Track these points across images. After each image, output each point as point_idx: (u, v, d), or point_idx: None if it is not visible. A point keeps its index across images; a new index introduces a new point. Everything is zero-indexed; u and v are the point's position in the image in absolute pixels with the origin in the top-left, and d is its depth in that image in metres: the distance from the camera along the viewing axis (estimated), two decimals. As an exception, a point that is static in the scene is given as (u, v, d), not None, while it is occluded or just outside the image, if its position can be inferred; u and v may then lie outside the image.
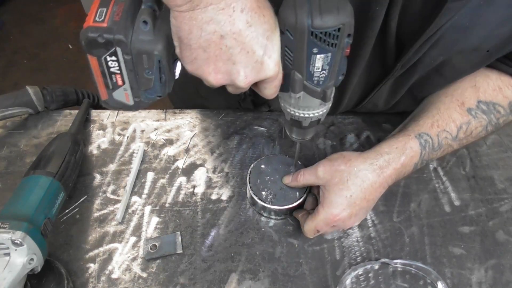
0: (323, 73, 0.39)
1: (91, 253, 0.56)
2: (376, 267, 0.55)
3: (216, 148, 0.68)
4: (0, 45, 2.40)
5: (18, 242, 0.43)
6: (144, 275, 0.54)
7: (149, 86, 0.40)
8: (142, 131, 0.70)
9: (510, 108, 0.55)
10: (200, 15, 0.34)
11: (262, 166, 0.61)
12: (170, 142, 0.69)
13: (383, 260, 0.55)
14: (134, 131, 0.70)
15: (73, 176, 0.58)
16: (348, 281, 0.54)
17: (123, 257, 0.55)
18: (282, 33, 0.37)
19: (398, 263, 0.55)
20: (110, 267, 0.54)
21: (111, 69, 0.39)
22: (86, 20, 0.37)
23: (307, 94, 0.42)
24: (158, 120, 0.72)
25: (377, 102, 0.65)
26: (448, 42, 0.49)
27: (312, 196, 0.59)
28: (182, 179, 0.64)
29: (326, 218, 0.52)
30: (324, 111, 0.45)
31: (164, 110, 0.73)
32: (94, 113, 0.73)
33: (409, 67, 0.54)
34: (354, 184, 0.51)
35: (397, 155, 0.53)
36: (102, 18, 0.36)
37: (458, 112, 0.55)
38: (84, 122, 0.69)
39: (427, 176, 0.65)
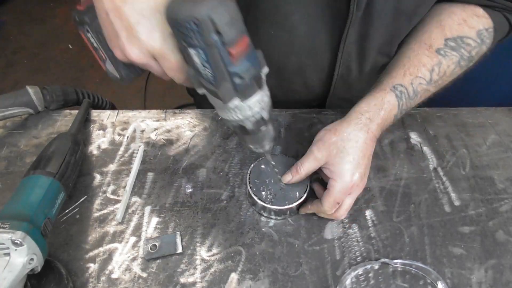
0: (207, 71, 0.37)
1: (91, 253, 0.56)
2: (376, 267, 0.55)
3: (216, 148, 0.68)
4: (0, 45, 2.40)
5: (18, 242, 0.42)
6: (144, 275, 0.54)
7: (118, 63, 0.46)
8: (142, 131, 0.70)
9: (479, 37, 0.55)
10: None
11: (262, 166, 0.61)
12: (170, 142, 0.69)
13: (383, 260, 0.55)
14: (134, 131, 0.70)
15: (73, 176, 0.58)
16: (348, 281, 0.54)
17: (123, 257, 0.55)
18: None
19: (398, 263, 0.55)
20: (110, 267, 0.54)
21: (94, 44, 0.46)
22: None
23: (211, 96, 0.41)
24: (158, 120, 0.72)
25: (349, 64, 0.65)
26: None
27: (316, 183, 0.60)
28: (182, 179, 0.64)
29: (342, 188, 0.53)
30: (243, 117, 0.42)
31: (164, 110, 0.73)
32: (94, 113, 0.73)
33: (365, 7, 0.53)
34: (351, 147, 0.53)
35: (377, 111, 0.55)
36: (83, 4, 0.44)
37: (427, 55, 0.56)
38: (84, 122, 0.69)
39: (427, 176, 0.65)
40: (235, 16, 0.34)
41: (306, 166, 0.56)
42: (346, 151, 0.53)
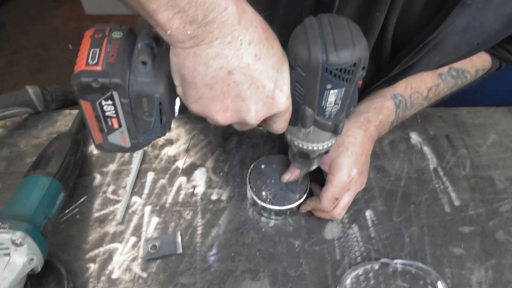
0: (335, 107, 0.38)
1: (91, 253, 0.56)
2: (376, 267, 0.55)
3: (216, 148, 0.68)
4: (0, 45, 2.40)
5: (18, 242, 0.43)
6: (144, 275, 0.54)
7: (148, 128, 0.38)
8: (142, 131, 0.70)
9: (476, 74, 0.63)
10: (205, 50, 0.32)
11: (262, 166, 0.61)
12: (170, 142, 0.69)
13: (383, 260, 0.55)
14: (134, 131, 0.70)
15: (73, 176, 0.58)
16: (348, 281, 0.54)
17: (123, 257, 0.55)
18: (292, 67, 0.35)
19: (398, 263, 0.55)
20: (110, 267, 0.54)
21: (107, 113, 0.36)
22: (77, 62, 0.34)
23: (317, 128, 0.40)
24: (158, 120, 0.72)
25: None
26: (447, 44, 0.51)
27: (315, 184, 0.61)
28: (182, 179, 0.64)
29: (340, 182, 0.54)
30: (333, 142, 0.44)
31: (164, 110, 0.73)
32: (94, 113, 0.73)
33: (405, 68, 0.55)
34: (349, 143, 0.55)
35: (376, 114, 0.58)
36: (96, 61, 0.33)
37: (430, 76, 0.61)
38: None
39: (427, 176, 0.65)
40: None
41: None
42: (345, 146, 0.54)
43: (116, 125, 0.38)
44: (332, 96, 0.36)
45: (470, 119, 0.74)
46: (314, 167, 0.51)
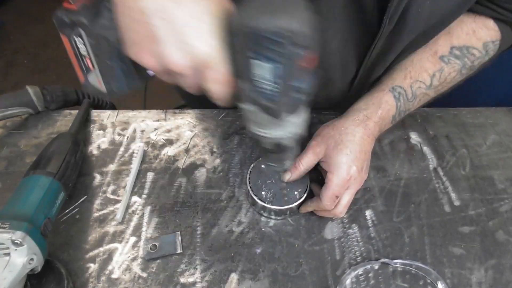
0: (273, 87, 0.34)
1: (91, 253, 0.56)
2: (376, 267, 0.55)
3: (216, 148, 0.68)
4: (0, 45, 2.40)
5: (18, 242, 0.43)
6: (144, 275, 0.54)
7: (112, 74, 0.40)
8: (142, 131, 0.70)
9: (485, 49, 0.56)
10: None
11: (262, 166, 0.61)
12: (170, 142, 0.69)
13: (383, 260, 0.55)
14: (134, 131, 0.70)
15: (73, 176, 0.58)
16: (348, 281, 0.54)
17: (123, 257, 0.55)
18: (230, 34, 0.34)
19: (398, 263, 0.55)
20: (110, 267, 0.54)
21: (81, 51, 0.40)
22: (64, 2, 0.39)
23: (258, 110, 0.37)
24: (158, 120, 0.72)
25: (369, 75, 0.64)
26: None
27: (315, 184, 0.60)
28: (182, 179, 0.64)
29: (339, 180, 0.54)
30: (284, 134, 0.40)
31: (164, 110, 0.73)
32: (94, 113, 0.73)
33: (397, 20, 0.52)
34: (348, 141, 0.55)
35: (374, 110, 0.57)
36: (75, 2, 0.38)
37: (431, 61, 0.57)
38: (84, 122, 0.69)
39: (427, 176, 0.65)
40: (313, 29, 0.32)
41: (305, 161, 0.56)
42: (344, 144, 0.54)
43: (90, 66, 0.41)
44: (261, 70, 0.33)
45: (470, 119, 0.74)
46: (286, 163, 0.49)
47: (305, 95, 0.36)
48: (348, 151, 0.54)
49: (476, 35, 0.56)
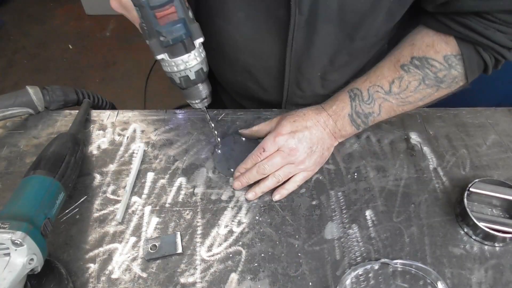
0: (143, 25, 0.46)
1: (91, 253, 0.56)
2: (376, 267, 0.55)
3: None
4: (0, 45, 2.40)
5: (18, 242, 0.42)
6: (144, 275, 0.54)
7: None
8: (142, 131, 0.70)
9: (446, 62, 0.58)
10: None
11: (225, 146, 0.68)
12: (170, 142, 0.69)
13: (383, 260, 0.55)
14: (134, 131, 0.70)
15: (73, 176, 0.58)
16: (348, 281, 0.54)
17: (123, 257, 0.55)
18: None
19: (398, 263, 0.55)
20: (110, 267, 0.54)
21: None
22: None
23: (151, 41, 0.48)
24: (158, 120, 0.72)
25: (301, 71, 0.68)
26: None
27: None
28: (182, 179, 0.64)
29: (272, 135, 0.62)
30: (170, 67, 0.50)
31: (164, 110, 0.73)
32: (94, 113, 0.73)
33: (308, 12, 0.57)
34: (297, 115, 0.63)
35: (329, 104, 0.64)
36: None
37: (391, 69, 0.60)
38: (84, 122, 0.69)
39: (427, 176, 0.65)
40: None
41: (259, 126, 0.67)
42: (292, 115, 0.63)
43: None
44: (138, 13, 0.45)
45: (470, 119, 0.74)
46: (197, 103, 0.57)
47: (171, 40, 0.46)
48: (292, 120, 0.62)
49: (435, 48, 0.58)
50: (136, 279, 0.54)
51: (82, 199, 0.61)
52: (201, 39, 0.49)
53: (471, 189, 0.59)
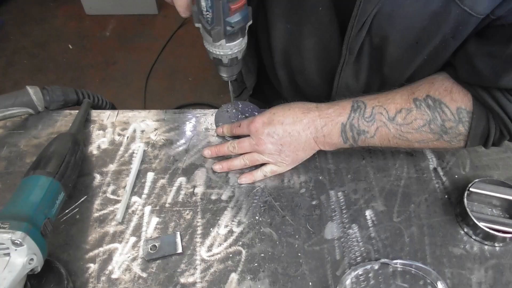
0: (208, 14, 0.46)
1: (91, 253, 0.56)
2: (376, 267, 0.55)
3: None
4: (0, 45, 2.40)
5: (18, 242, 0.43)
6: (144, 275, 0.54)
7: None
8: (142, 131, 0.70)
9: (458, 114, 0.55)
10: None
11: (227, 110, 0.71)
12: (170, 142, 0.69)
13: (383, 260, 0.55)
14: (134, 131, 0.70)
15: (73, 176, 0.58)
16: (348, 281, 0.54)
17: (123, 257, 0.55)
18: None
19: (398, 263, 0.55)
20: (110, 267, 0.54)
21: None
22: None
23: (204, 30, 0.50)
24: (158, 120, 0.72)
25: (347, 82, 0.68)
26: (377, 28, 0.55)
27: None
28: (182, 179, 0.64)
29: (251, 119, 0.63)
30: (222, 52, 0.52)
31: (164, 110, 0.73)
32: (94, 113, 0.73)
33: (357, 53, 0.60)
34: (282, 107, 0.62)
35: (327, 106, 0.61)
36: None
37: (404, 98, 0.57)
38: (84, 122, 0.69)
39: (427, 176, 0.65)
40: None
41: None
42: (279, 106, 0.63)
43: None
44: (203, 2, 0.45)
45: (470, 119, 0.74)
46: (234, 76, 0.59)
47: (236, 29, 0.48)
48: (273, 112, 0.62)
49: (452, 95, 0.55)
50: (136, 279, 0.54)
51: (82, 199, 0.61)
52: (250, 21, 0.51)
53: (471, 189, 0.59)
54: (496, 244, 0.57)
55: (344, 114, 0.59)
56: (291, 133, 0.60)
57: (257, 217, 0.60)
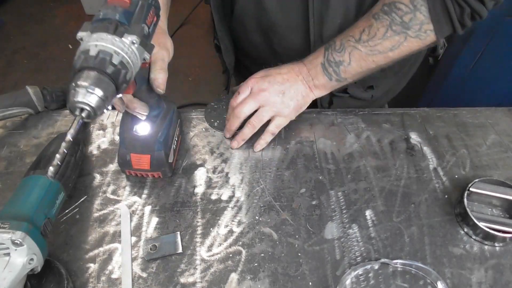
0: None
1: (91, 253, 0.56)
2: (376, 267, 0.55)
3: (216, 148, 0.68)
4: (0, 45, 2.40)
5: (18, 242, 0.43)
6: (144, 275, 0.54)
7: None
8: (142, 131, 0.70)
9: (412, 4, 0.58)
10: None
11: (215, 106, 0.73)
12: (170, 142, 0.69)
13: (383, 260, 0.55)
14: (134, 131, 0.70)
15: (73, 176, 0.58)
16: (348, 281, 0.54)
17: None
18: None
19: (398, 263, 0.55)
20: (110, 267, 0.54)
21: None
22: None
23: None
24: (158, 120, 0.72)
25: (322, 27, 0.70)
26: None
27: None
28: (182, 179, 0.64)
29: (246, 80, 0.68)
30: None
31: (164, 110, 0.73)
32: (94, 113, 0.73)
33: None
34: (272, 68, 0.69)
35: (307, 56, 0.68)
36: None
37: (364, 20, 0.63)
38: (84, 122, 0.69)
39: (427, 176, 0.65)
40: None
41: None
42: (268, 68, 0.68)
43: None
44: None
45: (470, 119, 0.74)
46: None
47: None
48: (267, 69, 0.67)
49: None
50: (136, 279, 0.54)
51: (82, 199, 0.61)
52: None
53: (471, 189, 0.59)
54: (496, 244, 0.57)
55: (320, 56, 0.66)
56: (289, 79, 0.67)
57: (257, 217, 0.60)
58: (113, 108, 0.79)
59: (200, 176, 0.65)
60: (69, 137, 0.41)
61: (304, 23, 0.70)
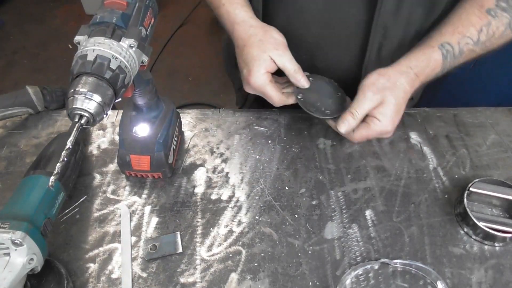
0: None
1: (91, 253, 0.56)
2: (376, 267, 0.55)
3: (216, 148, 0.68)
4: (0, 45, 2.40)
5: (18, 242, 0.43)
6: (144, 275, 0.54)
7: None
8: (142, 131, 0.70)
9: None
10: None
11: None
12: (170, 142, 0.69)
13: (383, 260, 0.55)
14: (134, 131, 0.70)
15: (73, 176, 0.58)
16: (348, 281, 0.54)
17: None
18: None
19: (398, 263, 0.55)
20: (110, 267, 0.54)
21: None
22: None
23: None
24: (158, 120, 0.72)
25: (384, 40, 0.65)
26: None
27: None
28: (182, 179, 0.64)
29: (381, 131, 0.59)
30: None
31: (164, 110, 0.73)
32: (94, 113, 0.73)
33: None
34: (398, 97, 0.58)
35: (423, 68, 0.59)
36: None
37: (477, 15, 0.56)
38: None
39: (427, 176, 0.65)
40: None
41: (362, 109, 0.58)
42: (395, 97, 0.58)
43: None
44: None
45: (470, 119, 0.74)
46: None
47: None
48: (396, 105, 0.58)
49: None
50: (136, 279, 0.54)
51: (82, 199, 0.61)
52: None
53: (471, 189, 0.59)
54: (496, 244, 0.57)
55: (438, 66, 0.59)
56: (405, 106, 0.60)
57: (257, 217, 0.60)
58: (113, 108, 0.80)
59: (200, 176, 0.65)
60: (69, 145, 0.41)
61: (361, 38, 0.65)
